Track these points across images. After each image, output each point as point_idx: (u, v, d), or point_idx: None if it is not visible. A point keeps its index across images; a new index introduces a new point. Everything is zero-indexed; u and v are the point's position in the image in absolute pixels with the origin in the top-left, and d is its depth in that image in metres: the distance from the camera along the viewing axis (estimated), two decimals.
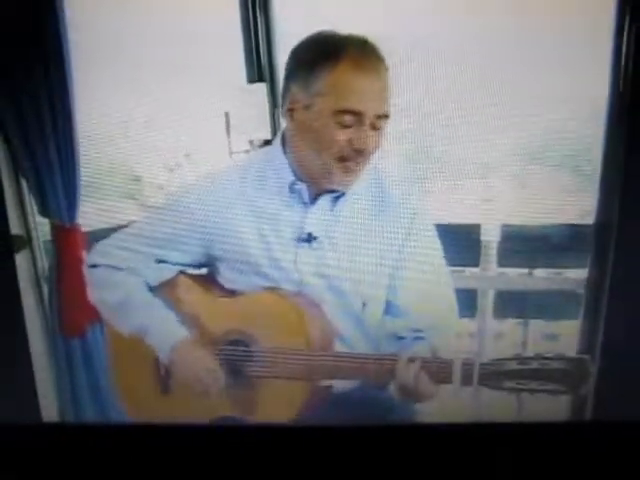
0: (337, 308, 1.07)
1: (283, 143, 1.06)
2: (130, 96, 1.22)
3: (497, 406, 1.19)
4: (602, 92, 1.16)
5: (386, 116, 1.00)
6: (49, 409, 1.36)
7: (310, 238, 1.05)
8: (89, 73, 1.23)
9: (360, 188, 1.06)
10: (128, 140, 1.22)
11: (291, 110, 1.01)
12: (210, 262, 1.09)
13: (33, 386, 1.28)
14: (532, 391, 0.98)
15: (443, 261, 1.09)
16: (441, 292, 1.09)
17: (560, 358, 0.98)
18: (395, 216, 1.07)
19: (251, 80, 1.25)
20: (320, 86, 0.97)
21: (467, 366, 0.99)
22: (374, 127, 0.99)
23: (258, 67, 1.26)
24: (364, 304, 1.08)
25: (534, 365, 0.98)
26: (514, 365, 0.98)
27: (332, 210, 1.06)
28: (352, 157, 1.00)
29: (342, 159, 1.00)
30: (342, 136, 0.98)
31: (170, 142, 1.22)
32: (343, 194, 1.06)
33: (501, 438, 1.07)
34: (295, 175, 1.05)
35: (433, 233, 1.09)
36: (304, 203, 1.06)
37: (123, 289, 1.09)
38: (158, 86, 1.22)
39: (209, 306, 1.09)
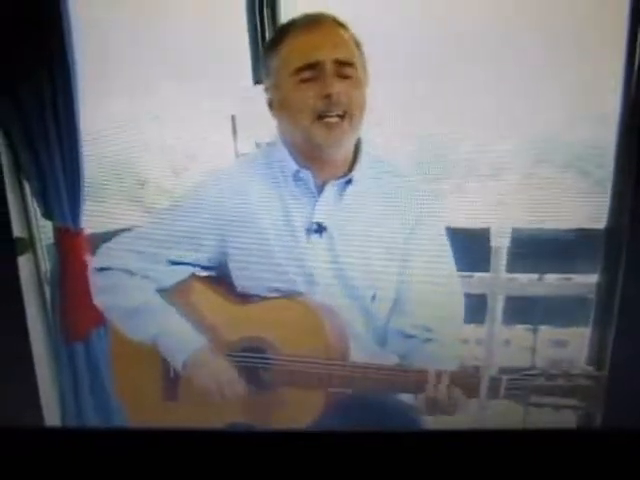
0: (348, 302, 1.07)
1: (281, 137, 1.08)
2: (135, 99, 1.21)
3: (504, 414, 1.18)
4: (614, 95, 1.15)
5: (349, 63, 1.01)
6: (51, 413, 1.35)
7: (320, 229, 1.06)
8: (94, 76, 1.22)
9: (367, 177, 1.07)
10: (134, 143, 1.21)
11: (270, 100, 1.05)
12: (223, 262, 1.08)
13: (35, 390, 1.28)
14: (557, 407, 1.00)
15: (451, 261, 1.08)
16: (447, 292, 1.09)
17: (586, 375, 1.01)
18: (401, 211, 1.08)
19: (257, 81, 1.24)
20: (276, 62, 1.02)
21: (495, 380, 1.00)
22: (339, 75, 1.00)
23: None
24: (374, 296, 1.07)
25: (561, 382, 1.00)
26: (541, 380, 1.00)
27: (340, 199, 1.06)
28: (326, 109, 1.00)
29: (320, 116, 1.00)
30: (308, 91, 0.99)
31: (176, 145, 1.22)
32: (350, 181, 1.06)
33: (508, 446, 1.06)
34: (298, 163, 1.05)
35: (440, 232, 1.09)
36: (311, 193, 1.06)
37: (136, 295, 1.07)
38: (163, 88, 1.21)
39: (224, 313, 1.08)
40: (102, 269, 1.10)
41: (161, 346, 1.06)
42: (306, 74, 0.99)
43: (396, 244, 1.07)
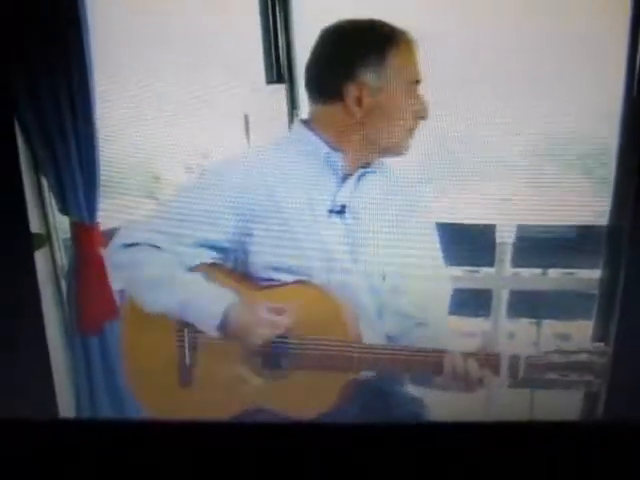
0: (360, 282, 1.10)
1: (308, 124, 1.11)
2: (149, 96, 1.23)
3: (509, 405, 1.20)
4: (617, 94, 1.16)
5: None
6: (65, 405, 1.37)
7: (342, 210, 1.09)
8: (110, 72, 1.24)
9: (382, 168, 1.12)
10: (147, 140, 1.23)
11: (359, 98, 1.06)
12: (243, 243, 1.10)
13: (50, 382, 1.29)
14: (571, 383, 1.06)
15: (439, 254, 1.13)
16: (434, 282, 1.14)
17: (601, 351, 1.07)
18: (399, 202, 1.13)
19: (270, 81, 1.26)
20: (393, 65, 1.06)
21: (514, 359, 1.04)
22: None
23: (277, 68, 1.28)
24: (384, 276, 1.11)
25: (577, 358, 1.05)
26: (557, 358, 1.05)
27: (360, 185, 1.11)
28: (416, 126, 1.08)
29: (410, 129, 1.08)
30: (413, 105, 1.07)
31: (189, 143, 1.24)
32: (374, 171, 1.11)
33: (512, 437, 1.08)
34: (331, 147, 1.09)
35: (429, 227, 1.14)
36: (337, 175, 1.10)
37: (161, 266, 1.09)
38: (177, 87, 1.23)
39: (245, 299, 1.09)
40: (128, 245, 1.11)
41: (189, 313, 1.07)
42: (413, 89, 1.07)
43: (398, 232, 1.11)
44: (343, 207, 1.10)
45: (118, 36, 1.23)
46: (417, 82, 1.07)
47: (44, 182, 1.33)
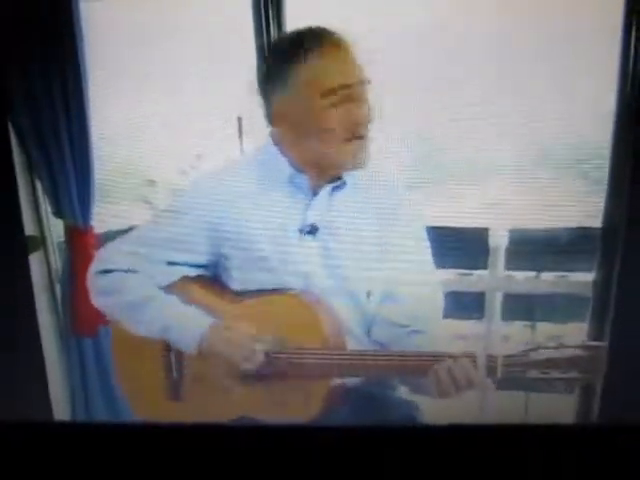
0: (343, 300, 1.08)
1: (275, 142, 1.08)
2: (143, 100, 1.24)
3: (502, 408, 1.20)
4: (610, 96, 1.17)
5: (369, 82, 1.01)
6: (60, 408, 1.38)
7: (313, 230, 1.07)
8: (104, 76, 1.25)
9: (357, 180, 1.08)
10: (141, 143, 1.24)
11: (279, 112, 1.03)
12: (219, 263, 1.10)
13: (45, 385, 1.30)
14: (554, 380, 1.02)
15: (430, 259, 1.11)
16: (427, 289, 1.11)
17: (581, 346, 1.03)
18: (388, 210, 1.09)
19: None
20: (302, 77, 1.00)
21: (491, 358, 1.01)
22: (363, 97, 1.01)
23: None
24: (369, 293, 1.09)
25: (557, 354, 1.02)
26: (537, 355, 1.02)
27: (332, 201, 1.08)
28: (356, 133, 1.01)
29: (347, 139, 1.01)
30: (340, 113, 0.99)
31: (183, 146, 1.24)
32: (345, 183, 1.07)
33: (507, 440, 1.08)
34: (295, 168, 1.06)
35: (420, 232, 1.11)
36: (305, 195, 1.07)
37: (138, 292, 1.08)
38: (171, 89, 1.24)
39: (219, 311, 1.09)
40: (104, 272, 1.10)
41: (171, 336, 1.07)
42: (337, 96, 0.99)
43: (386, 242, 1.09)
44: (313, 226, 1.07)
45: (112, 39, 1.24)
46: (342, 88, 0.99)
47: (38, 185, 1.34)
